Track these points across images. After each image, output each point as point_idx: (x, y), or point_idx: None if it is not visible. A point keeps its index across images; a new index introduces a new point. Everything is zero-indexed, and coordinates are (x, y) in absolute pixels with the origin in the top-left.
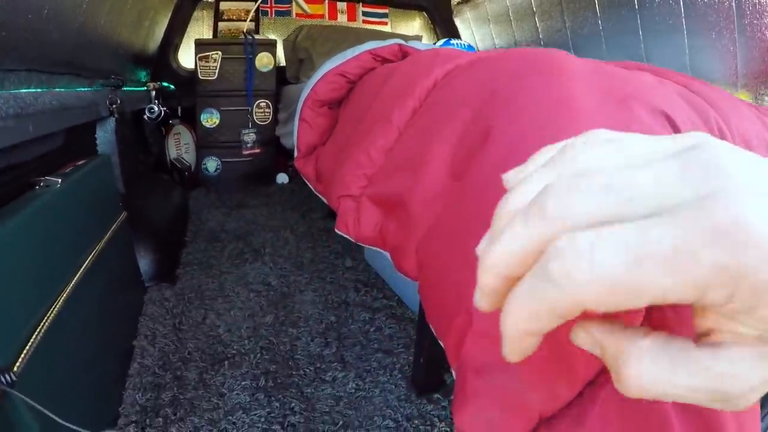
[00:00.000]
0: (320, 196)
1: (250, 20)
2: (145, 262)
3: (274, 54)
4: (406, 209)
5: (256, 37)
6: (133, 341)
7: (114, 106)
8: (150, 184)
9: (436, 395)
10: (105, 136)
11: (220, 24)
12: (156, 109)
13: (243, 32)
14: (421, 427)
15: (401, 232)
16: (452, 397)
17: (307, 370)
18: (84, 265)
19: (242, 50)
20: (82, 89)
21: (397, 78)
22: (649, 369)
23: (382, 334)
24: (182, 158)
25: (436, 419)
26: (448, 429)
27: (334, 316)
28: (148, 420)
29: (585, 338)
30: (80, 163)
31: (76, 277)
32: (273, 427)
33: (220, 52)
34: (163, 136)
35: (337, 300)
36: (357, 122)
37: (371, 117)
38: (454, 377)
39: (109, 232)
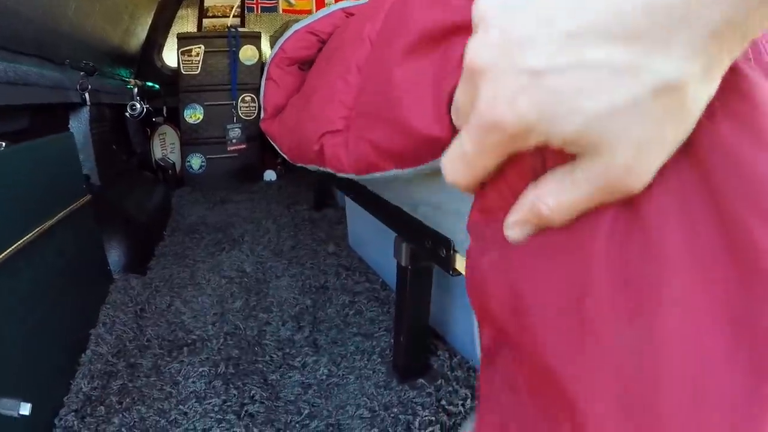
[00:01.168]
0: (286, 156)
1: (235, 15)
2: (115, 253)
3: (258, 47)
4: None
5: (240, 29)
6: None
7: (85, 92)
8: (131, 180)
9: (420, 380)
10: (78, 126)
11: (205, 21)
12: (138, 106)
13: (227, 27)
14: (401, 416)
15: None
16: (437, 382)
17: (274, 356)
18: (25, 238)
19: (226, 43)
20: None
21: (368, 5)
22: (553, 201)
23: (362, 318)
24: (167, 158)
25: (419, 407)
26: (433, 418)
27: (311, 300)
28: (89, 409)
29: (519, 231)
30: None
31: (12, 248)
32: (227, 417)
33: (203, 46)
34: (149, 136)
35: (316, 285)
36: (326, 60)
37: (343, 46)
38: None
39: (66, 211)
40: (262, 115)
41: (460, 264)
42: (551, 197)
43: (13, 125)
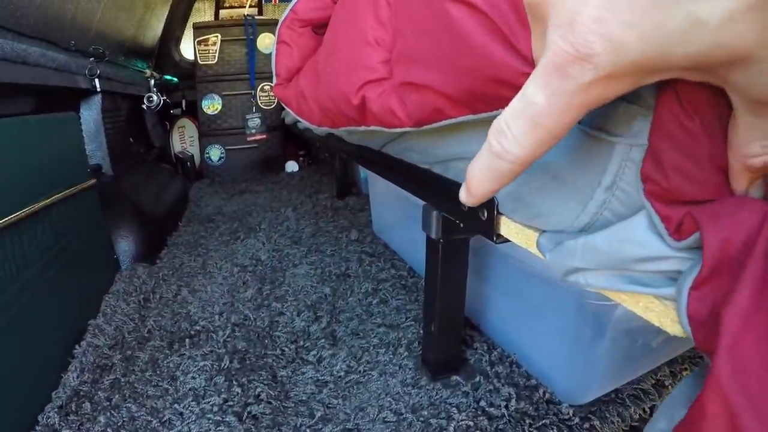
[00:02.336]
0: (303, 120)
1: (251, 5)
2: (125, 243)
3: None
4: None
5: (257, 17)
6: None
7: (95, 78)
8: (147, 172)
9: (455, 377)
10: (89, 114)
11: (222, 12)
12: (155, 98)
13: (244, 16)
14: (432, 420)
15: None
16: (474, 379)
17: (286, 349)
18: (14, 215)
19: (243, 32)
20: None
21: None
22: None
23: (387, 307)
24: (186, 151)
25: (453, 409)
26: (471, 423)
27: (330, 288)
28: (73, 406)
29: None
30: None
31: None
32: (227, 419)
33: (219, 35)
34: (168, 130)
35: (336, 272)
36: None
37: None
38: None
39: (65, 192)
40: (274, 81)
41: (506, 228)
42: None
43: (15, 107)
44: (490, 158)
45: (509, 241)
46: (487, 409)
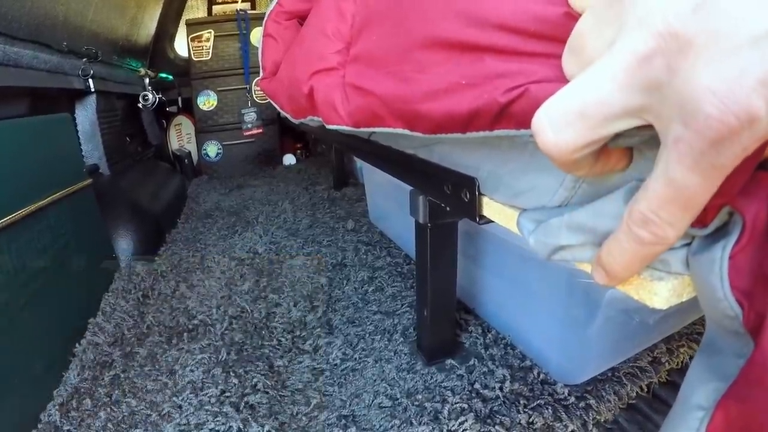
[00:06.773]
0: (287, 114)
1: (244, 0)
2: (124, 242)
3: None
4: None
5: (250, 12)
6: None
7: (89, 78)
8: (145, 171)
9: (449, 361)
10: (85, 114)
11: (215, 8)
12: (150, 96)
13: (237, 11)
14: (426, 404)
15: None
16: (469, 362)
17: (282, 339)
18: (9, 217)
19: (236, 27)
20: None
21: None
22: None
23: (383, 294)
24: (184, 148)
25: (448, 393)
26: (465, 405)
27: (326, 278)
28: (75, 403)
29: None
30: None
31: None
32: (224, 410)
33: (212, 31)
34: (165, 128)
35: (333, 262)
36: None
37: None
38: None
39: (61, 193)
40: (260, 74)
41: (488, 209)
42: None
43: (9, 110)
44: (641, 248)
45: (492, 221)
46: (481, 391)
